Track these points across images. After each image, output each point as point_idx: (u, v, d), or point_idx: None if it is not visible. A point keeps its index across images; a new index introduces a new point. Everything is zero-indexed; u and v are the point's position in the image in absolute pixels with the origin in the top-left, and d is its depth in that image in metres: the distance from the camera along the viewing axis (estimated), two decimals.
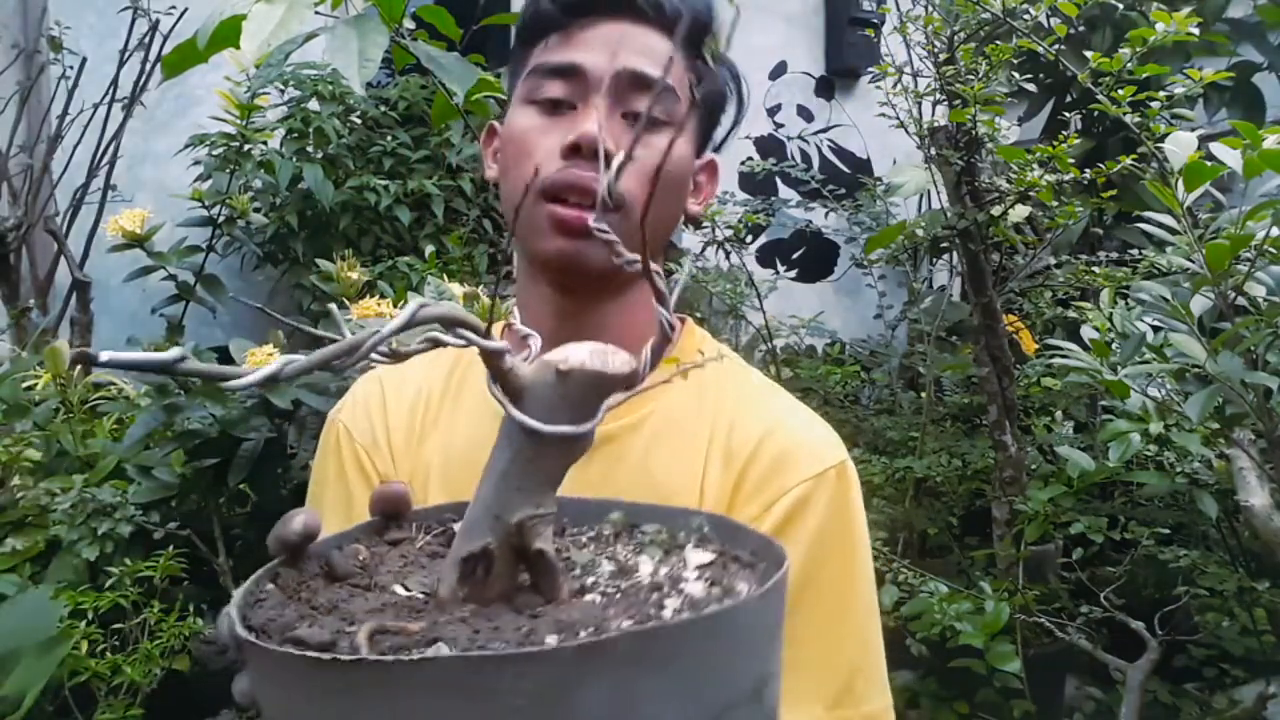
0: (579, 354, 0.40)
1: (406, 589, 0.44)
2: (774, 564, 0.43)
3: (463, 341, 0.40)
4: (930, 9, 2.24)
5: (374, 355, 0.37)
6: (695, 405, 0.82)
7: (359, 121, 2.72)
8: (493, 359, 0.40)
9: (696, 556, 0.45)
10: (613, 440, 0.79)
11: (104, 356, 0.33)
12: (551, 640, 0.36)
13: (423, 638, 0.37)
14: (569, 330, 0.71)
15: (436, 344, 0.40)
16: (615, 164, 0.42)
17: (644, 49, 0.76)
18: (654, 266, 0.43)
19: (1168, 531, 2.33)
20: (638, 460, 0.78)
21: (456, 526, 0.46)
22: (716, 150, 0.90)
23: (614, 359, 0.41)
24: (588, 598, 0.41)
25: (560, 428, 0.40)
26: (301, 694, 0.36)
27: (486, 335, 0.40)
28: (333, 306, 0.43)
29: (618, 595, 0.41)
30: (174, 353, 0.33)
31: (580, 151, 0.73)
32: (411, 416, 0.83)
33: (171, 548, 1.59)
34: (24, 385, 1.88)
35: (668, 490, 0.76)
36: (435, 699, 0.33)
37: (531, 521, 0.40)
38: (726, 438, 0.79)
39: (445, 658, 0.34)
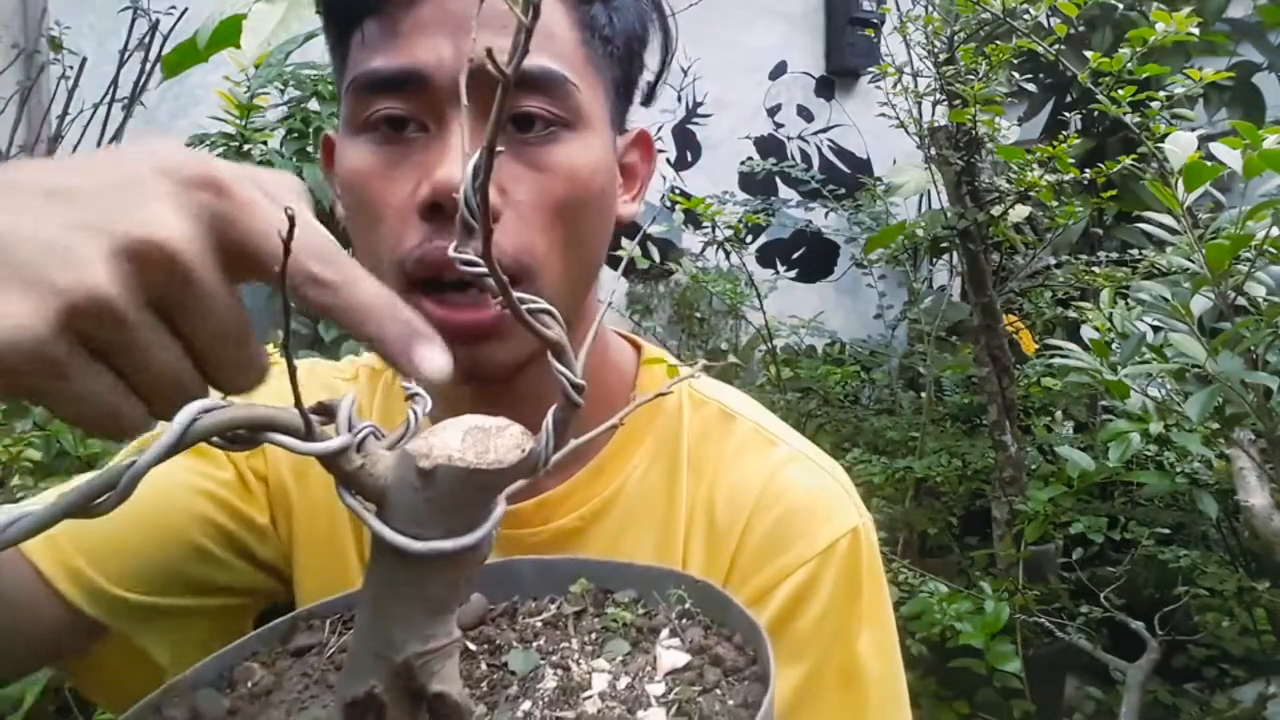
0: (448, 441, 0.31)
1: None
2: (763, 669, 0.34)
3: (277, 443, 0.30)
4: (930, 9, 2.24)
5: (214, 442, 0.29)
6: (668, 473, 0.65)
7: None
8: (331, 463, 0.31)
9: (669, 657, 0.37)
10: (572, 536, 0.64)
11: None
12: None
13: None
14: (487, 402, 0.49)
15: (254, 441, 0.31)
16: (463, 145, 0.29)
17: (506, 19, 0.44)
18: (539, 306, 0.33)
19: (1168, 531, 2.33)
20: (605, 555, 0.63)
21: None
22: (647, 102, 0.67)
23: (496, 442, 0.31)
24: None
25: (432, 544, 0.31)
26: None
27: (308, 430, 0.30)
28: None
29: None
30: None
31: (444, 210, 0.52)
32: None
33: None
34: None
35: None
36: None
37: (421, 660, 0.32)
38: (709, 509, 0.64)
39: None
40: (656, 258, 2.59)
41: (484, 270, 0.31)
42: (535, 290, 0.54)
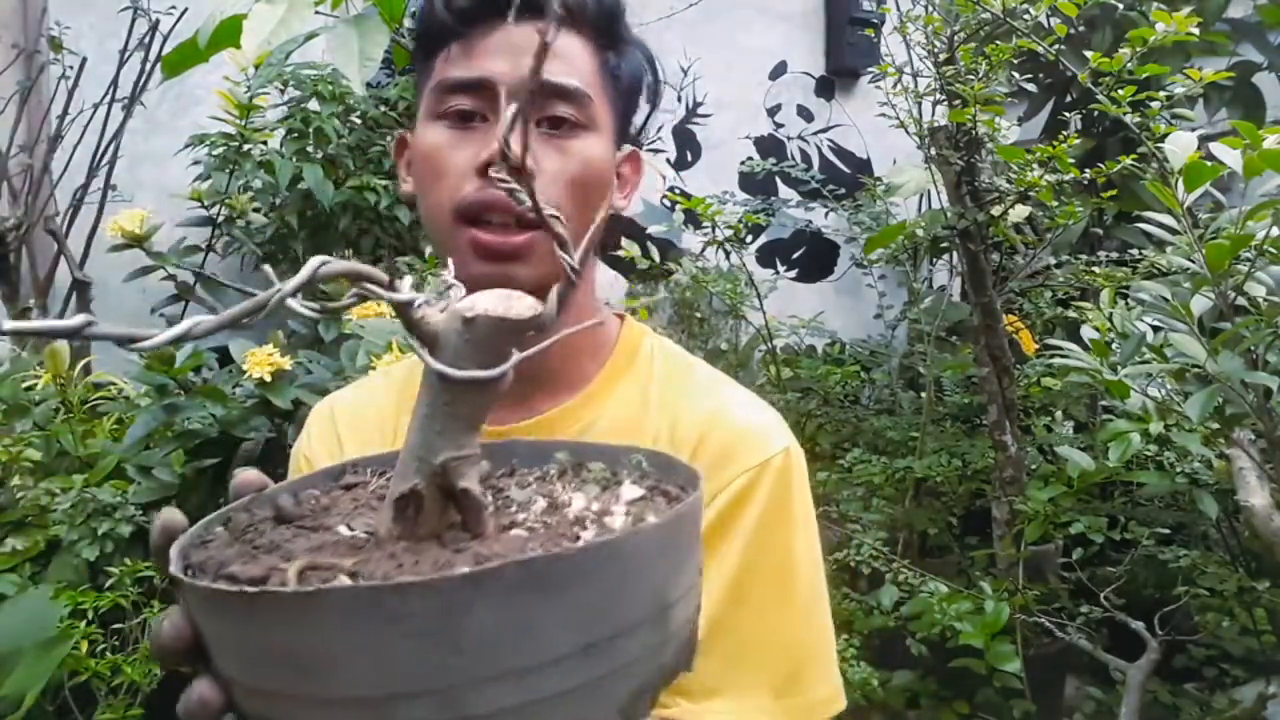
0: (483, 300, 0.42)
1: (350, 529, 0.46)
2: (693, 492, 0.45)
3: (371, 296, 0.41)
4: (930, 9, 2.24)
5: (298, 308, 0.38)
6: (639, 409, 0.82)
7: (359, 121, 2.71)
8: (403, 309, 0.42)
9: (629, 491, 0.48)
10: None
11: (5, 325, 0.34)
12: (463, 571, 0.38)
13: (344, 572, 0.39)
14: None
15: (360, 297, 0.41)
16: (508, 117, 0.42)
17: (552, 51, 0.73)
18: (550, 212, 0.45)
19: (1168, 531, 2.33)
20: None
21: None
22: (638, 134, 0.88)
23: (517, 304, 0.42)
24: (513, 532, 0.44)
25: (469, 372, 0.42)
26: (223, 626, 0.39)
27: (391, 287, 0.41)
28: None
29: (541, 529, 0.44)
30: (79, 319, 0.34)
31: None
32: (366, 444, 0.83)
33: None
34: (24, 385, 1.88)
35: None
36: (333, 627, 0.35)
37: (454, 462, 0.42)
38: (670, 433, 0.79)
39: (338, 588, 0.37)
40: (656, 258, 2.59)
41: (520, 190, 0.44)
42: (548, 228, 0.68)
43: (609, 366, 0.83)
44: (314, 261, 0.38)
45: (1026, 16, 1.98)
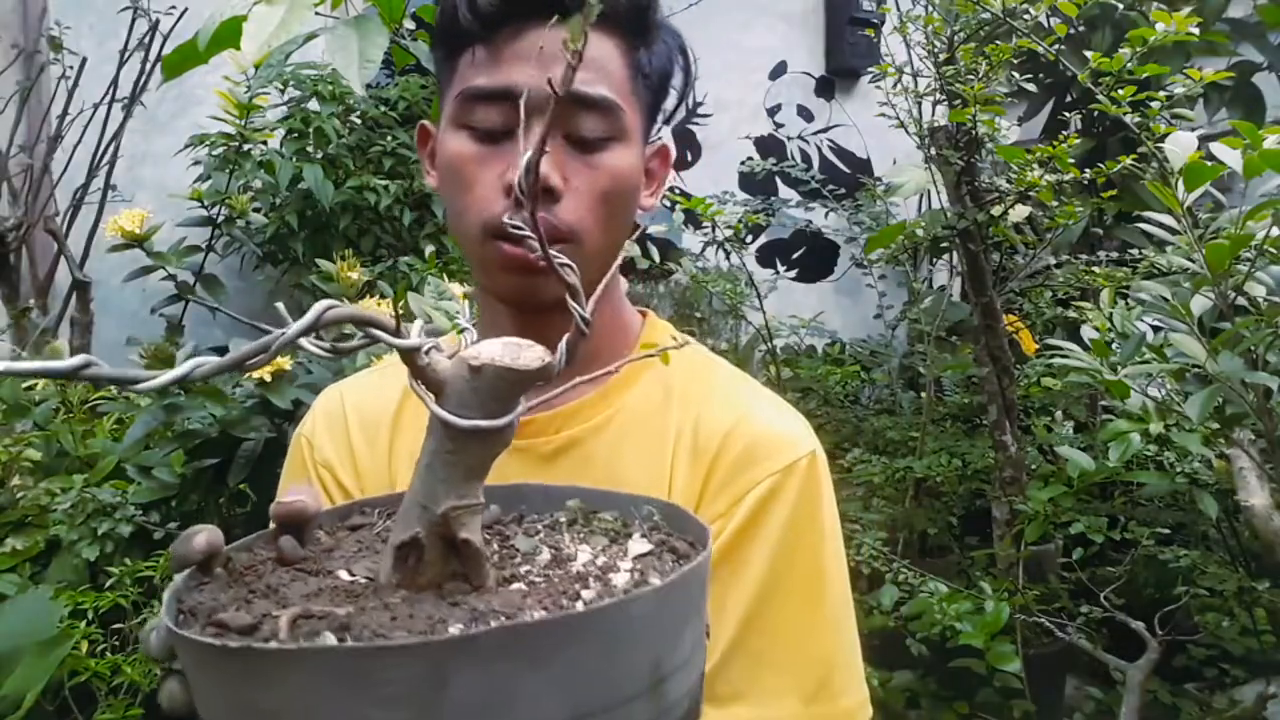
0: (491, 349, 0.42)
1: (351, 574, 0.45)
2: (701, 551, 0.44)
3: (375, 340, 0.41)
4: (930, 9, 2.24)
5: (309, 348, 0.39)
6: (661, 402, 0.80)
7: (359, 121, 2.72)
8: (409, 356, 0.42)
9: (637, 546, 0.47)
10: (579, 444, 0.79)
11: (1, 367, 0.34)
12: (456, 630, 0.37)
13: (338, 623, 0.38)
14: (530, 335, 0.72)
15: (369, 340, 0.41)
16: (524, 160, 0.42)
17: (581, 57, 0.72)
18: (562, 261, 0.45)
19: (1168, 531, 2.33)
20: (604, 462, 0.78)
21: None
22: (668, 122, 0.86)
23: (525, 354, 0.42)
24: (514, 586, 0.43)
25: (474, 421, 0.41)
26: (208, 678, 0.38)
27: (397, 333, 0.41)
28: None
29: (542, 584, 0.43)
30: (75, 361, 0.34)
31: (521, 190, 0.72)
32: (375, 430, 0.83)
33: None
34: (24, 385, 1.88)
35: (636, 491, 0.77)
36: (317, 686, 0.34)
37: (455, 512, 0.42)
38: (693, 433, 0.78)
39: (322, 648, 0.36)
40: (656, 258, 2.59)
41: (531, 235, 0.43)
42: (581, 250, 0.72)
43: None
44: (320, 306, 0.38)
45: (1026, 16, 1.98)
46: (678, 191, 3.39)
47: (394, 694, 0.34)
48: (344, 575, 0.45)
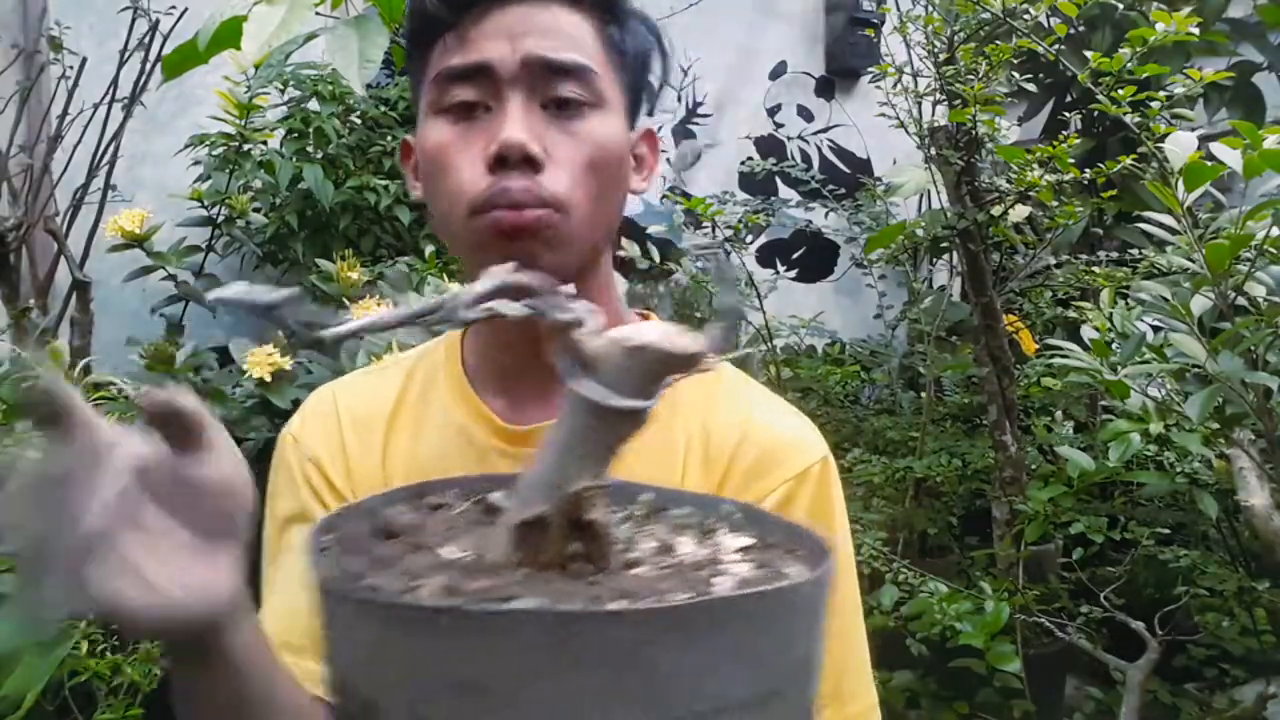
0: (649, 333, 0.42)
1: (456, 551, 0.45)
2: (816, 551, 0.45)
3: (532, 310, 0.42)
4: (930, 9, 2.24)
5: (467, 316, 0.40)
6: (667, 413, 0.78)
7: (359, 121, 2.71)
8: (565, 330, 0.42)
9: (733, 540, 0.47)
10: None
11: (214, 294, 0.37)
12: (617, 605, 0.37)
13: (497, 593, 0.38)
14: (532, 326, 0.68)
15: (528, 310, 0.42)
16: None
17: (549, 29, 0.71)
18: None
19: (1168, 531, 2.32)
20: (611, 470, 0.77)
21: (492, 497, 0.49)
22: (649, 112, 0.85)
23: (679, 340, 0.42)
24: (638, 570, 0.43)
25: (628, 401, 0.41)
26: (384, 644, 0.36)
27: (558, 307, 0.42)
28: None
29: (667, 570, 0.43)
30: (285, 293, 0.36)
31: (506, 162, 0.69)
32: (369, 430, 0.81)
33: None
34: (24, 385, 1.88)
35: None
36: (518, 650, 0.34)
37: (589, 492, 0.42)
38: (703, 441, 0.78)
39: (535, 610, 0.35)
40: (656, 258, 2.59)
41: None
42: (569, 221, 0.71)
43: None
44: (499, 272, 0.40)
45: (1026, 16, 1.99)
46: (678, 191, 3.40)
47: (595, 660, 0.34)
48: (448, 552, 0.44)
